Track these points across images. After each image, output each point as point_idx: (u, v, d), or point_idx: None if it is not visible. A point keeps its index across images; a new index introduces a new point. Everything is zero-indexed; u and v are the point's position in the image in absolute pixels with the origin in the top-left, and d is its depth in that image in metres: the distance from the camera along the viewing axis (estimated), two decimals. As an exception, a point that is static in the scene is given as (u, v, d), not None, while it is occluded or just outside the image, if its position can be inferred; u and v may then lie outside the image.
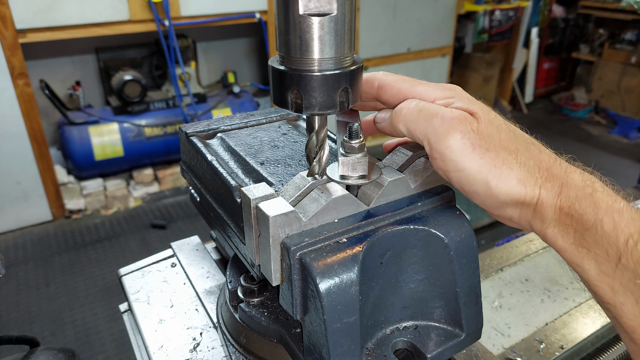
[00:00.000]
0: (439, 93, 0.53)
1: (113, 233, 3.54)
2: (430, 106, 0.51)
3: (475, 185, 0.49)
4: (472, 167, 0.48)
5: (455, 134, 0.48)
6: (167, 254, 0.98)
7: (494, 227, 3.63)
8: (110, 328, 2.65)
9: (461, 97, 0.52)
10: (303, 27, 0.48)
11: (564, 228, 0.47)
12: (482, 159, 0.48)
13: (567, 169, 0.48)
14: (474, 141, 0.48)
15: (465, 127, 0.48)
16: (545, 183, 0.47)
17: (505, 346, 1.07)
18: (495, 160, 0.48)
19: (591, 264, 0.46)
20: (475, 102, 0.52)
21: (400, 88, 0.55)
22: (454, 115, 0.49)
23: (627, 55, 5.49)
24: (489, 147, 0.48)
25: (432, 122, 0.49)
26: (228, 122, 0.84)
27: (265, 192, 0.54)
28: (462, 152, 0.48)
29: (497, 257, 1.38)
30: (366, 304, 0.56)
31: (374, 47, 4.64)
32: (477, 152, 0.48)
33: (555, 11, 6.22)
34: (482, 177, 0.48)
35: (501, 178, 0.47)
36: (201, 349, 0.75)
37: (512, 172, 0.47)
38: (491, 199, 0.49)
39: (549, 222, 0.48)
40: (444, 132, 0.48)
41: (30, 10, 3.12)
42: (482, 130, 0.48)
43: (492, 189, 0.48)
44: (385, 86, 0.56)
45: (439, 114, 0.49)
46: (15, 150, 3.36)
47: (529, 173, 0.48)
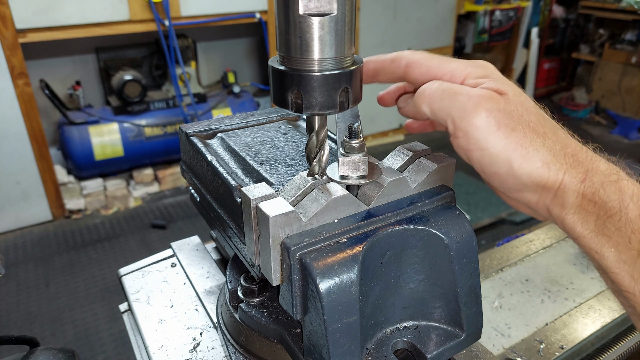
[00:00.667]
0: (471, 70, 0.52)
1: (113, 233, 3.54)
2: (454, 86, 0.50)
3: (497, 165, 0.48)
4: (497, 145, 0.47)
5: (481, 112, 0.47)
6: (167, 254, 0.98)
7: (494, 227, 3.63)
8: (110, 328, 2.65)
9: (493, 76, 0.51)
10: (303, 27, 0.48)
11: (584, 215, 0.46)
12: (508, 138, 0.46)
13: (593, 157, 0.48)
14: (500, 120, 0.47)
15: (492, 105, 0.47)
16: (570, 169, 0.47)
17: (506, 346, 1.07)
18: (522, 140, 0.47)
19: (611, 252, 0.45)
20: (507, 82, 0.51)
21: (430, 65, 0.53)
22: (481, 93, 0.48)
23: (627, 56, 5.48)
24: (515, 127, 0.47)
25: (457, 100, 0.48)
26: (228, 122, 0.84)
27: (265, 192, 0.54)
28: (487, 130, 0.47)
29: (497, 257, 1.38)
30: (366, 304, 0.55)
31: (374, 47, 4.64)
32: (502, 131, 0.47)
33: (556, 11, 6.22)
34: (506, 156, 0.47)
35: (526, 158, 0.46)
36: (201, 349, 0.75)
37: (538, 154, 0.47)
38: (512, 180, 0.48)
39: (569, 208, 0.47)
40: (469, 109, 0.47)
41: (30, 10, 3.12)
42: (510, 110, 0.47)
43: (514, 169, 0.47)
44: (414, 64, 0.54)
45: (464, 92, 0.48)
46: (15, 150, 3.36)
47: (554, 157, 0.47)
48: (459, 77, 0.52)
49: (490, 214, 3.67)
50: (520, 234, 1.53)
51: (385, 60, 0.57)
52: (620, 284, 0.46)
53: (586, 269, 1.32)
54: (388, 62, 0.56)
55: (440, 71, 0.53)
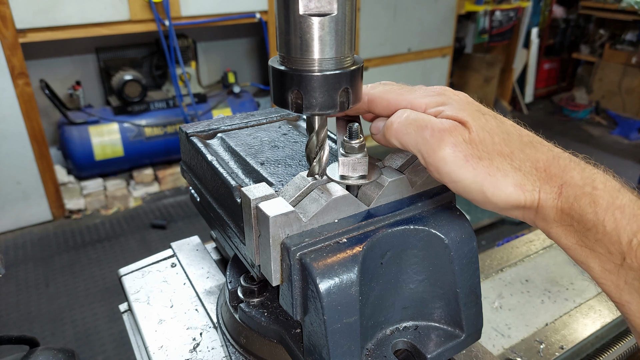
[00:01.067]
0: (429, 100, 0.52)
1: (113, 233, 3.54)
2: (420, 117, 0.50)
3: (472, 194, 0.49)
4: (467, 177, 0.47)
5: (446, 147, 0.47)
6: (167, 254, 0.98)
7: (494, 228, 3.63)
8: (110, 328, 2.65)
9: (451, 102, 0.51)
10: (303, 27, 0.48)
11: (566, 228, 0.47)
12: (476, 169, 0.47)
13: (566, 167, 0.47)
14: (465, 152, 0.47)
15: (456, 139, 0.48)
16: (543, 185, 0.47)
17: (506, 347, 1.07)
18: (489, 168, 0.47)
19: (595, 262, 0.46)
20: (464, 106, 0.50)
21: (390, 99, 0.54)
22: (444, 126, 0.48)
23: (627, 56, 5.48)
24: (481, 156, 0.47)
25: (423, 135, 0.49)
26: (228, 122, 0.84)
27: (266, 192, 0.54)
28: (455, 164, 0.47)
29: (497, 257, 1.38)
30: (366, 305, 0.55)
31: (375, 47, 4.64)
32: (470, 162, 0.47)
33: (556, 12, 6.22)
34: (478, 186, 0.48)
35: (497, 186, 0.47)
36: (201, 349, 0.75)
37: (507, 179, 0.47)
38: (490, 206, 0.49)
39: (551, 222, 0.48)
40: (435, 145, 0.48)
41: (31, 10, 3.12)
42: (474, 139, 0.48)
43: (489, 197, 0.48)
44: (374, 100, 0.55)
45: (429, 126, 0.49)
46: (15, 150, 3.36)
47: (525, 177, 0.47)
48: (419, 107, 0.52)
49: (490, 214, 3.67)
50: (520, 234, 1.53)
51: None
52: (607, 293, 0.46)
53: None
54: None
55: (399, 105, 0.53)
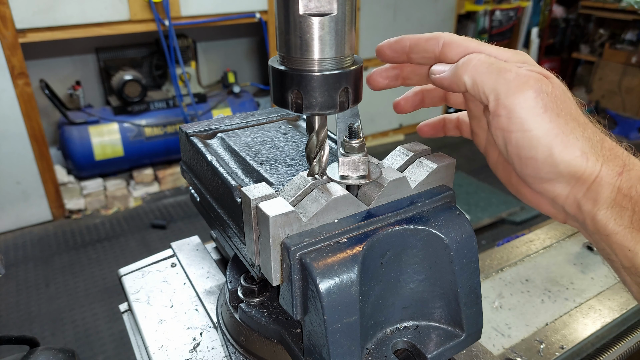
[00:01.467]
0: (510, 55, 0.50)
1: (113, 233, 3.54)
2: (502, 62, 0.48)
3: (536, 150, 0.46)
4: (540, 128, 0.45)
5: (529, 91, 0.45)
6: (167, 254, 0.98)
7: (494, 227, 3.63)
8: (110, 328, 2.65)
9: (531, 63, 0.50)
10: (303, 27, 0.48)
11: (619, 210, 0.45)
12: (552, 122, 0.45)
13: (625, 152, 0.47)
14: (546, 102, 0.45)
15: (541, 87, 0.46)
16: (607, 161, 0.46)
17: (506, 346, 1.07)
18: (565, 127, 0.45)
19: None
20: (544, 70, 0.49)
21: (468, 46, 0.51)
22: (529, 73, 0.46)
23: (627, 56, 5.48)
24: (559, 113, 0.46)
25: (505, 76, 0.47)
26: (228, 122, 0.84)
27: (266, 192, 0.54)
28: (534, 111, 0.45)
29: (497, 257, 1.38)
30: (366, 304, 0.55)
31: (374, 47, 4.63)
32: (548, 114, 0.45)
33: (556, 11, 6.22)
34: (548, 141, 0.45)
35: (567, 146, 0.45)
36: (201, 349, 0.75)
37: (578, 143, 0.45)
38: (548, 168, 0.46)
39: (602, 203, 0.46)
40: (517, 86, 0.46)
41: (30, 10, 3.12)
42: (556, 95, 0.46)
43: (554, 155, 0.45)
44: (452, 43, 0.52)
45: (513, 70, 0.47)
46: (15, 150, 3.36)
47: (593, 148, 0.46)
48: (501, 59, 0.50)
49: (491, 214, 3.67)
50: (520, 234, 1.53)
51: (422, 38, 0.55)
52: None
53: (586, 269, 1.32)
54: (424, 40, 0.55)
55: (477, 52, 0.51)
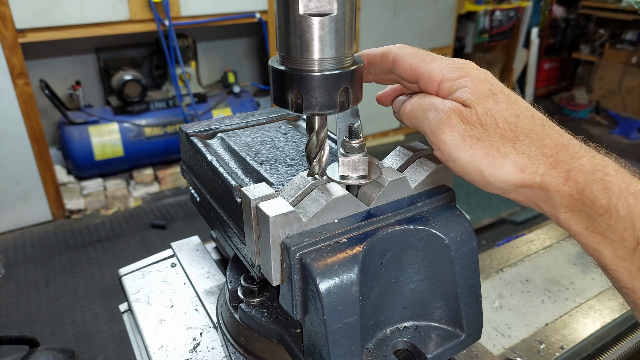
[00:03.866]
0: (447, 72, 0.52)
1: (113, 233, 3.54)
2: (425, 101, 0.52)
3: (470, 174, 0.50)
4: (464, 157, 0.49)
5: (445, 128, 0.49)
6: (167, 254, 0.98)
7: (494, 228, 3.63)
8: (110, 328, 2.64)
9: (467, 78, 0.51)
10: (303, 27, 0.48)
11: (576, 214, 0.46)
12: (473, 148, 0.48)
13: (575, 154, 0.47)
14: (463, 132, 0.49)
15: (455, 120, 0.49)
16: (549, 169, 0.47)
17: (506, 346, 1.07)
18: (488, 149, 0.48)
19: (607, 249, 0.45)
20: (477, 85, 0.51)
21: (412, 64, 0.55)
22: (446, 108, 0.50)
23: (627, 56, 5.48)
24: (480, 137, 0.48)
25: (427, 116, 0.51)
26: (228, 122, 0.84)
27: (266, 192, 0.54)
28: (452, 143, 0.49)
29: (497, 257, 1.38)
30: (366, 304, 0.55)
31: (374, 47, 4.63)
32: (467, 142, 0.49)
33: (556, 11, 6.21)
34: (475, 166, 0.49)
35: (494, 166, 0.48)
36: (201, 349, 0.74)
37: (507, 160, 0.48)
38: (489, 186, 0.50)
39: (558, 207, 0.47)
40: (435, 126, 0.50)
41: (30, 10, 3.12)
42: (474, 121, 0.49)
43: (486, 177, 0.49)
44: (398, 60, 0.56)
45: (432, 108, 0.51)
46: (15, 150, 3.36)
47: (529, 160, 0.47)
48: (436, 79, 0.53)
49: (491, 214, 3.67)
50: (520, 234, 1.53)
51: (376, 55, 0.59)
52: (619, 280, 0.46)
53: (586, 269, 1.32)
54: (378, 57, 0.59)
55: (420, 71, 0.54)
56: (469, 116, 0.49)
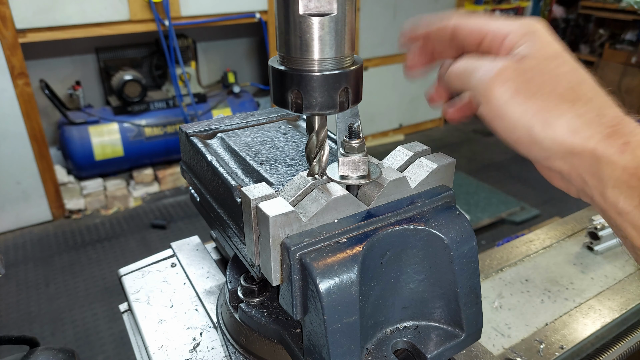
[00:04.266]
0: (513, 28, 0.51)
1: (113, 233, 3.54)
2: (472, 61, 0.51)
3: (518, 132, 0.47)
4: (515, 112, 0.47)
5: (498, 79, 0.48)
6: (167, 254, 0.98)
7: (494, 227, 3.63)
8: (110, 328, 2.65)
9: (533, 38, 0.50)
10: (303, 27, 0.48)
11: (627, 189, 0.44)
12: (525, 103, 0.46)
13: (635, 129, 0.45)
14: (516, 87, 0.47)
15: (507, 75, 0.47)
16: (605, 138, 0.44)
17: (505, 346, 1.07)
18: (543, 105, 0.46)
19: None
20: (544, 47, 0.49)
21: (478, 22, 0.53)
22: (497, 65, 0.48)
23: (627, 56, 5.48)
24: (535, 93, 0.46)
25: (476, 76, 0.50)
26: (228, 122, 0.84)
27: (265, 192, 0.54)
28: (503, 96, 0.47)
29: (497, 257, 1.38)
30: (366, 304, 0.55)
31: (374, 47, 4.64)
32: (520, 97, 0.46)
33: (556, 11, 6.22)
34: (524, 122, 0.46)
35: (547, 123, 0.45)
36: (201, 349, 0.75)
37: (562, 119, 0.45)
38: (535, 146, 0.47)
39: (607, 180, 0.44)
40: (487, 77, 0.48)
41: (30, 10, 3.12)
42: (529, 77, 0.47)
43: (535, 135, 0.46)
44: (461, 24, 0.54)
45: (482, 67, 0.50)
46: (15, 150, 3.36)
47: (585, 124, 0.45)
48: (503, 33, 0.51)
49: (490, 214, 3.67)
50: (520, 234, 1.53)
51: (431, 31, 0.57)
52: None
53: (586, 269, 1.32)
54: (434, 32, 0.57)
55: (487, 27, 0.52)
56: (527, 70, 0.47)
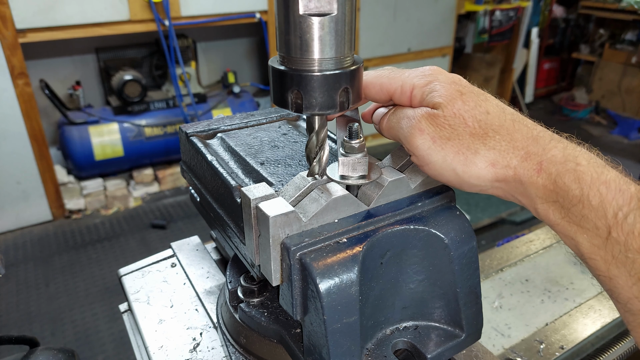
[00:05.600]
0: (416, 81, 0.54)
1: (113, 233, 3.54)
2: (399, 113, 0.55)
3: (445, 175, 0.51)
4: (437, 158, 0.51)
5: (416, 132, 0.51)
6: (167, 254, 0.98)
7: (494, 228, 3.63)
8: (110, 328, 2.64)
9: (436, 85, 0.53)
10: (303, 27, 0.48)
11: (552, 204, 0.47)
12: (444, 149, 0.50)
13: (546, 146, 0.48)
14: (433, 134, 0.51)
15: (425, 124, 0.51)
16: (521, 162, 0.48)
17: (506, 346, 1.07)
18: (459, 147, 0.50)
19: (583, 238, 0.46)
20: (446, 87, 0.52)
21: (382, 84, 0.57)
22: (416, 114, 0.52)
23: (627, 56, 5.48)
24: (450, 137, 0.50)
25: (401, 125, 0.54)
26: (228, 122, 0.84)
27: (265, 192, 0.54)
28: (424, 146, 0.51)
29: (497, 257, 1.38)
30: (366, 304, 0.55)
31: (374, 47, 4.64)
32: (437, 143, 0.50)
33: (556, 11, 6.21)
34: (447, 165, 0.50)
35: (466, 163, 0.49)
36: (201, 349, 0.75)
37: (478, 156, 0.49)
38: (464, 184, 0.51)
39: (534, 199, 0.48)
40: (408, 132, 0.52)
41: (31, 10, 3.12)
42: (442, 123, 0.50)
43: (460, 175, 0.50)
44: (367, 85, 0.58)
45: (404, 117, 0.53)
46: (15, 150, 3.36)
47: (500, 154, 0.49)
48: (407, 89, 0.55)
49: (491, 214, 3.67)
50: (520, 234, 1.53)
51: None
52: (596, 268, 0.47)
53: (586, 269, 1.32)
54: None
55: (390, 88, 0.56)
56: (437, 118, 0.51)
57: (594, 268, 0.47)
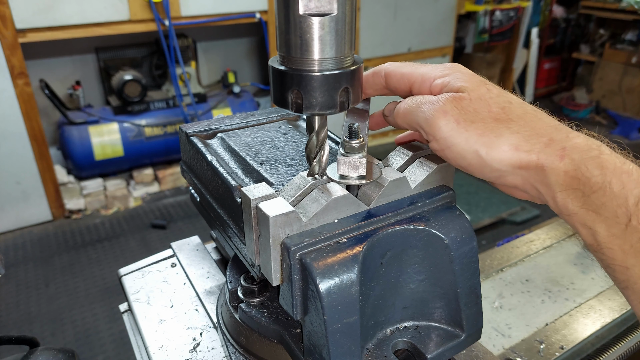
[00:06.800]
0: (438, 71, 0.56)
1: (113, 233, 3.54)
2: (419, 98, 0.55)
3: (467, 158, 0.51)
4: (460, 140, 0.50)
5: (440, 115, 0.51)
6: (167, 254, 0.98)
7: (494, 227, 3.63)
8: (110, 328, 2.64)
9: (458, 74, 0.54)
10: (303, 27, 0.48)
11: (572, 192, 0.47)
12: (468, 130, 0.50)
13: (569, 135, 0.48)
14: (457, 117, 0.51)
15: (448, 107, 0.51)
16: (544, 148, 0.48)
17: (506, 347, 1.07)
18: (483, 130, 0.50)
19: (602, 226, 0.46)
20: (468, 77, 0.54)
21: (404, 72, 0.58)
22: (439, 99, 0.52)
23: (628, 56, 5.48)
24: (474, 120, 0.50)
25: (422, 109, 0.53)
26: (228, 122, 0.84)
27: (266, 192, 0.54)
28: (447, 128, 0.51)
29: (497, 257, 1.38)
30: (366, 304, 0.55)
31: (375, 47, 4.64)
32: (461, 125, 0.50)
33: (556, 11, 6.21)
34: (470, 147, 0.50)
35: (490, 145, 0.49)
36: (201, 349, 0.74)
37: (502, 139, 0.49)
38: (486, 168, 0.50)
39: (554, 186, 0.48)
40: (430, 116, 0.52)
41: (30, 10, 3.12)
42: (467, 106, 0.51)
43: (482, 157, 0.49)
44: (390, 73, 0.59)
45: (427, 101, 0.53)
46: (15, 150, 3.36)
47: (523, 139, 0.49)
48: (428, 79, 0.56)
49: (491, 214, 3.67)
50: (520, 234, 1.53)
51: (368, 75, 0.62)
52: (613, 258, 0.46)
53: (586, 269, 1.32)
54: (370, 76, 0.61)
55: (412, 76, 0.57)
56: (463, 101, 0.51)
57: (610, 258, 0.47)
